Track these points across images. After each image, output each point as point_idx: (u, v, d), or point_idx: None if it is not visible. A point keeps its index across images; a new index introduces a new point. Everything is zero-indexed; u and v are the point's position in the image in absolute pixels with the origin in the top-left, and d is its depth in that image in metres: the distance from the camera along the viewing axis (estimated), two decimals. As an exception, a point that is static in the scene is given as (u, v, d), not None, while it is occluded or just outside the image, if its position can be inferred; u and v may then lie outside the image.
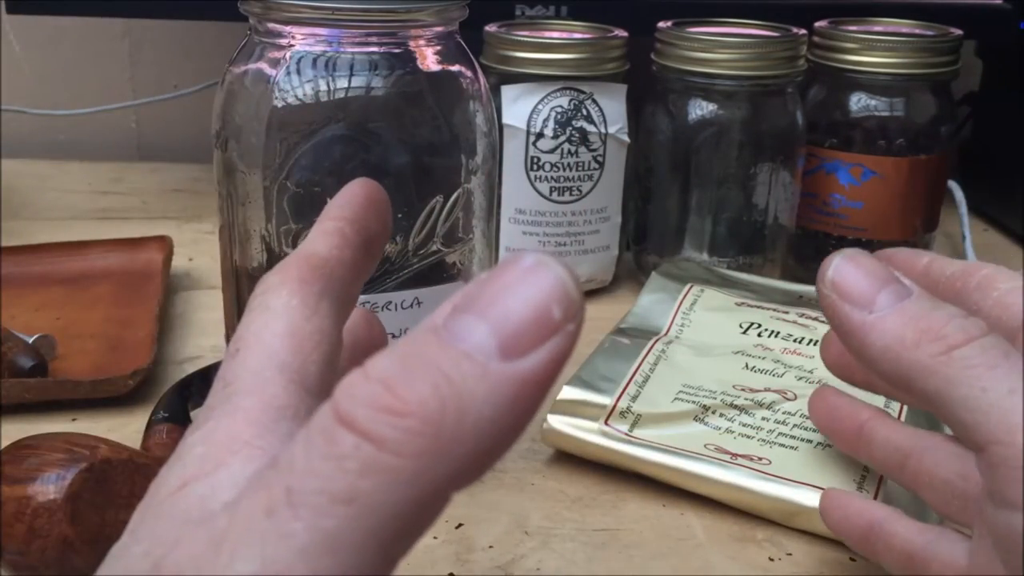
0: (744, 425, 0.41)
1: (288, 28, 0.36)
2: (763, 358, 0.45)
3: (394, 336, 0.37)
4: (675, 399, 0.42)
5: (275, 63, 0.36)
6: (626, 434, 0.40)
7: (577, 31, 0.58)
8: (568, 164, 0.55)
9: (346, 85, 0.36)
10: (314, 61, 0.36)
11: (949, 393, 0.24)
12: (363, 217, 0.24)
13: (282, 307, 0.21)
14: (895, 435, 0.33)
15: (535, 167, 0.55)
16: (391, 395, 0.15)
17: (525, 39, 0.54)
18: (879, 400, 0.36)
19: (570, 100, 0.54)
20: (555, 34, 0.57)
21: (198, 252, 0.62)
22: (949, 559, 0.29)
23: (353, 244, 0.23)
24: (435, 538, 0.37)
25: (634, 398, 0.42)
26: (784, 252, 0.59)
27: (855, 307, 0.26)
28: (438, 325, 0.16)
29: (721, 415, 0.41)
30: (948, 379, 0.24)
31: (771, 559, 0.36)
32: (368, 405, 0.16)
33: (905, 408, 0.40)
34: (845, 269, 0.26)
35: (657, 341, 0.46)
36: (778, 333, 0.47)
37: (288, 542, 0.15)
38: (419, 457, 0.15)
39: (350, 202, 0.24)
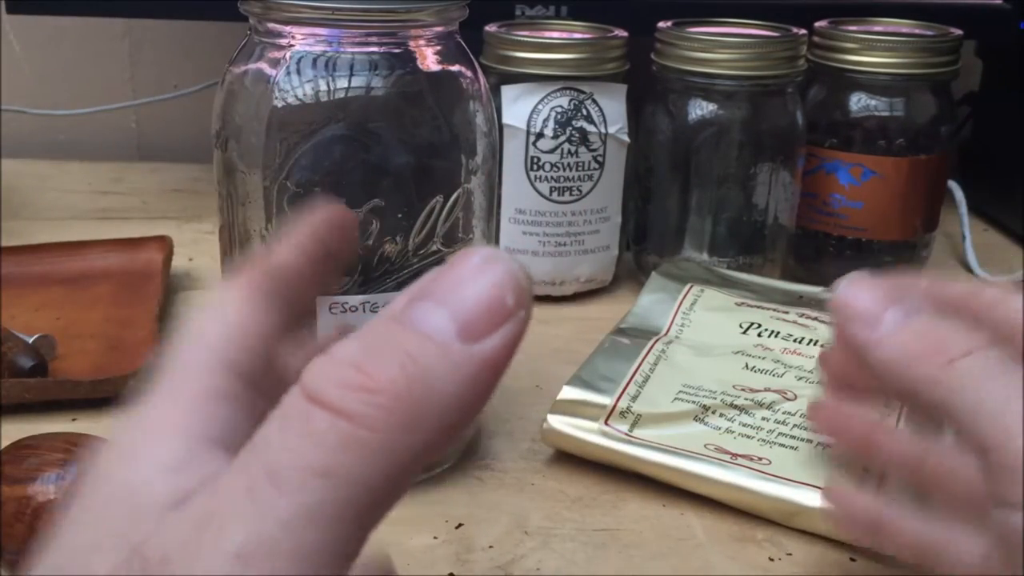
0: (744, 425, 0.41)
1: (288, 28, 0.36)
2: (763, 358, 0.45)
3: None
4: (675, 399, 0.42)
5: (275, 63, 0.36)
6: (626, 434, 0.40)
7: (577, 31, 0.58)
8: (568, 164, 0.55)
9: (346, 85, 0.36)
10: (314, 61, 0.36)
11: (952, 402, 0.26)
12: (326, 233, 0.25)
13: (227, 302, 0.22)
14: (907, 439, 0.33)
15: (535, 167, 0.55)
16: (362, 374, 0.16)
17: (525, 39, 0.54)
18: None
19: (570, 100, 0.54)
20: (555, 34, 0.57)
21: (198, 252, 0.62)
22: (962, 550, 0.29)
23: (311, 256, 0.24)
24: (435, 538, 0.37)
25: (634, 398, 0.42)
26: (784, 252, 0.59)
27: (864, 325, 0.28)
28: (397, 313, 0.17)
29: (721, 415, 0.41)
30: (951, 389, 0.26)
31: (771, 559, 0.36)
32: (339, 385, 0.16)
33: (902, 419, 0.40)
34: (853, 291, 0.28)
35: (657, 341, 0.46)
36: (778, 333, 0.47)
37: (272, 517, 0.16)
38: (391, 431, 0.16)
39: (315, 220, 0.25)
